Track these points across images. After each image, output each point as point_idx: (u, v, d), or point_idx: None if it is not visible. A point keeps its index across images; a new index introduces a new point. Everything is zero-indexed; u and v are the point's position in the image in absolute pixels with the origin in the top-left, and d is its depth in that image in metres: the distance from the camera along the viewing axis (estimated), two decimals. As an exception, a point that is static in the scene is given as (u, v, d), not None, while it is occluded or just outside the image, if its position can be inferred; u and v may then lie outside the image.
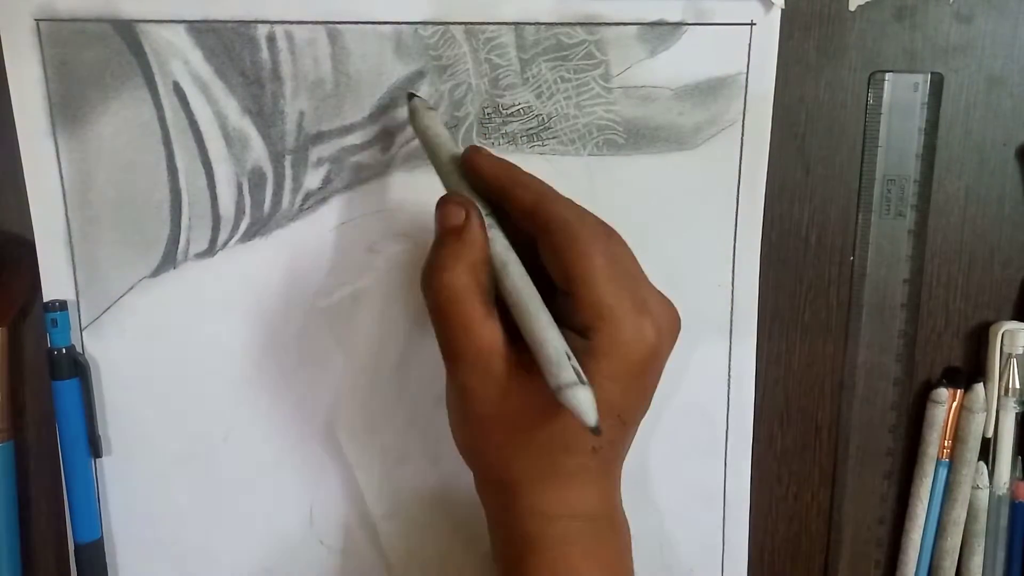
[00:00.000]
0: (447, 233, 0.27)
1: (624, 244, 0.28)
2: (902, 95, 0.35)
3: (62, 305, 0.34)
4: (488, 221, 0.28)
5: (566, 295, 0.26)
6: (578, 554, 0.28)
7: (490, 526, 0.30)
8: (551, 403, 0.25)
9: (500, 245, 0.27)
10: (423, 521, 0.37)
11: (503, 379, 0.26)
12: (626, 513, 0.30)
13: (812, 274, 0.37)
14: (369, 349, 0.36)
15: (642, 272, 0.29)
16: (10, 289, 0.35)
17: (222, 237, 0.35)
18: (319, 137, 0.34)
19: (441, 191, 0.30)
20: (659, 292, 0.29)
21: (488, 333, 0.26)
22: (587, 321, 0.26)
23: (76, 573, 0.36)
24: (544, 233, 0.27)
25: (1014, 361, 0.36)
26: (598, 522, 0.28)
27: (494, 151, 0.35)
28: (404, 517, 0.37)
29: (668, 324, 0.28)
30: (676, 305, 0.36)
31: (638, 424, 0.29)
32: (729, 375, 0.37)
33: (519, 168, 0.29)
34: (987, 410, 0.37)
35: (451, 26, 0.34)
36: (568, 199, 0.28)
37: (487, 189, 0.28)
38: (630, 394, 0.27)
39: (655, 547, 0.38)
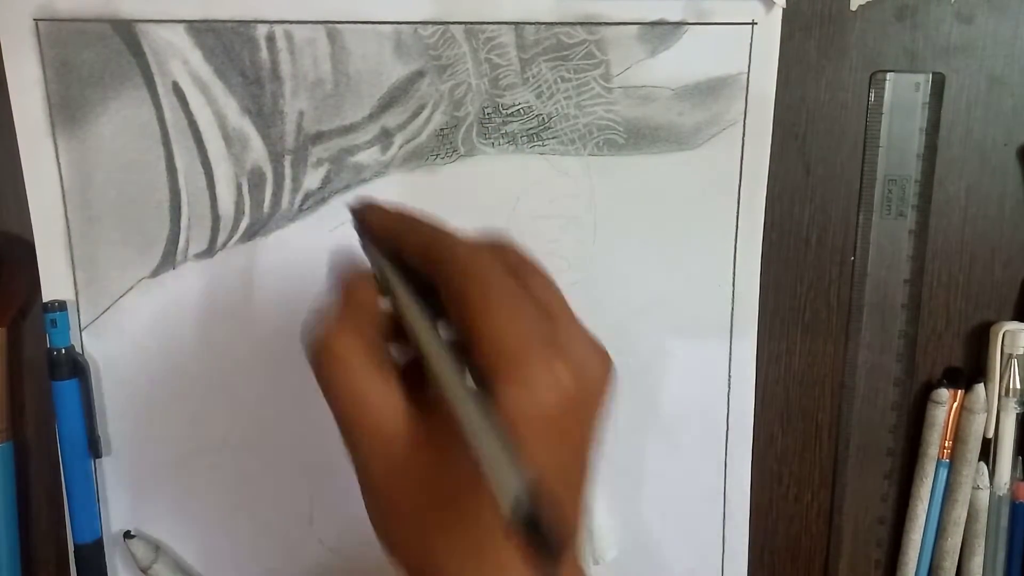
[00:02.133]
0: (335, 283, 0.24)
1: (544, 279, 0.24)
2: (903, 95, 0.35)
3: (61, 305, 0.34)
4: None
5: (469, 347, 0.22)
6: None
7: None
8: (472, 480, 0.21)
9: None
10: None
11: (410, 466, 0.23)
12: (624, 512, 0.29)
13: (813, 274, 0.37)
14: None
15: (567, 310, 0.24)
16: (10, 289, 0.35)
17: (221, 237, 0.35)
18: (319, 137, 0.34)
19: (438, 193, 0.30)
20: (587, 334, 0.24)
21: (384, 409, 0.23)
22: (488, 365, 0.21)
23: (76, 573, 0.36)
24: (440, 276, 0.23)
25: (1015, 361, 0.36)
26: None
27: (494, 151, 0.35)
28: None
29: (593, 371, 0.23)
30: (677, 304, 0.36)
31: (578, 492, 0.24)
32: (729, 375, 0.37)
33: (414, 215, 0.26)
34: (987, 410, 0.37)
35: (451, 26, 0.33)
36: (470, 240, 0.24)
37: (385, 243, 0.26)
38: (551, 453, 0.22)
39: (655, 547, 0.38)
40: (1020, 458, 0.37)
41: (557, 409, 0.21)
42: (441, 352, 0.22)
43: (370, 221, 0.27)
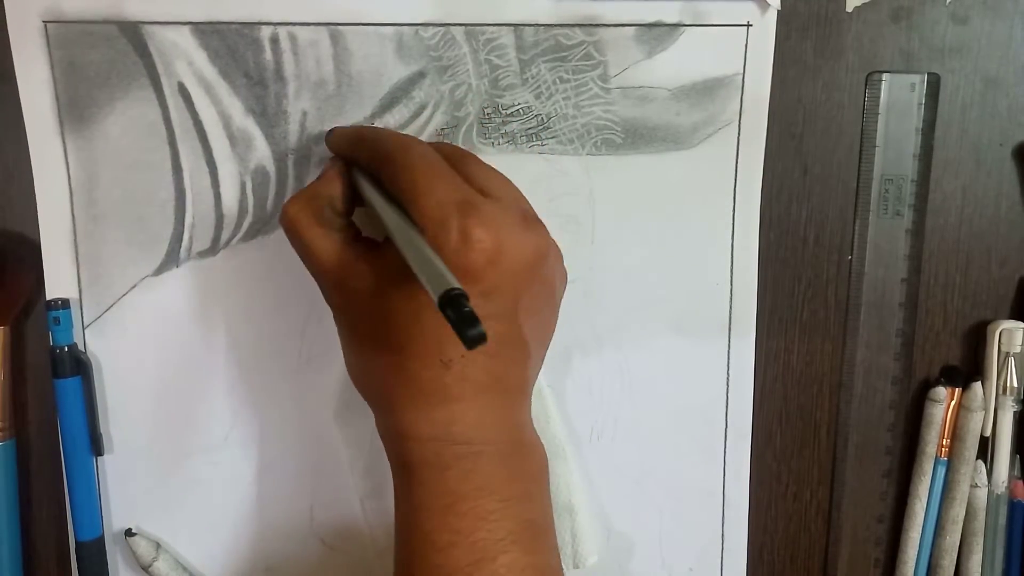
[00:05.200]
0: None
1: (479, 163, 0.29)
2: (899, 95, 0.36)
3: (65, 303, 0.35)
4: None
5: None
6: (454, 478, 0.27)
7: (387, 458, 0.30)
8: (396, 314, 0.27)
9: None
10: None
11: (351, 293, 0.28)
12: (624, 511, 0.30)
13: (810, 273, 0.37)
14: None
15: (507, 191, 0.29)
16: (13, 287, 0.35)
17: (225, 236, 0.35)
18: (321, 137, 0.35)
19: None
20: (520, 213, 0.28)
21: (323, 251, 0.29)
22: (420, 229, 0.26)
23: (77, 571, 0.36)
24: (379, 169, 0.28)
25: (1012, 360, 0.36)
26: (476, 447, 0.28)
27: (494, 151, 0.35)
28: (388, 497, 0.37)
29: (525, 244, 0.27)
30: (675, 303, 0.36)
31: (505, 348, 0.28)
32: (728, 374, 0.37)
33: (362, 129, 0.33)
34: (985, 409, 0.37)
35: (451, 27, 0.34)
36: (400, 136, 0.30)
37: (345, 155, 0.31)
38: (476, 302, 0.24)
39: (655, 546, 0.38)
40: (1018, 456, 0.38)
41: (472, 263, 0.25)
42: (387, 209, 0.27)
43: (330, 142, 0.33)
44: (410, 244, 0.25)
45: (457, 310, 0.22)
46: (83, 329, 0.35)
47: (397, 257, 0.26)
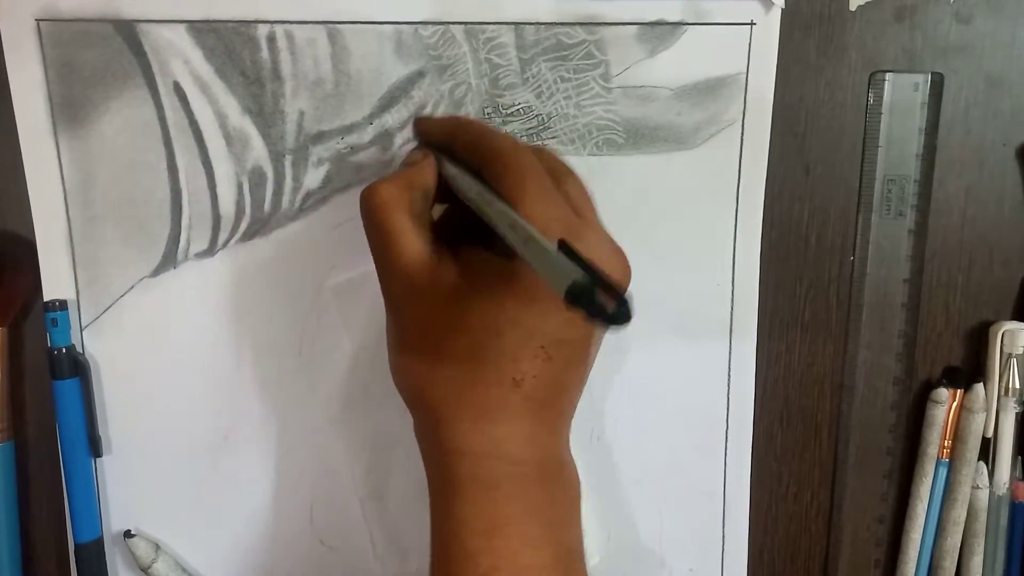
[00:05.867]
0: (401, 166, 0.30)
1: (577, 182, 0.29)
2: (902, 95, 0.35)
3: (62, 305, 0.35)
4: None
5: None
6: (503, 498, 0.27)
7: (426, 472, 0.29)
8: (474, 325, 0.26)
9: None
10: (405, 504, 0.37)
11: (427, 295, 0.27)
12: (624, 512, 0.30)
13: (812, 273, 0.37)
14: (369, 336, 0.36)
15: (594, 213, 0.29)
16: (11, 289, 0.35)
17: (222, 237, 0.35)
18: (319, 137, 0.34)
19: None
20: (609, 238, 0.28)
21: (411, 244, 0.27)
22: None
23: (76, 572, 0.36)
24: (485, 164, 0.27)
25: (1014, 361, 0.36)
26: (526, 467, 0.27)
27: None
28: (388, 499, 0.37)
29: (610, 268, 0.27)
30: (677, 304, 0.36)
31: (572, 369, 0.28)
32: (729, 374, 0.37)
33: (462, 118, 0.33)
34: (987, 410, 0.37)
35: (451, 26, 0.34)
36: (513, 139, 0.28)
37: (442, 143, 0.30)
38: (553, 324, 0.25)
39: (655, 546, 0.38)
40: (1020, 458, 0.38)
41: None
42: (500, 206, 0.25)
43: (424, 129, 0.32)
44: (530, 241, 0.23)
45: (605, 286, 0.20)
46: (81, 330, 0.35)
47: (484, 263, 0.26)
